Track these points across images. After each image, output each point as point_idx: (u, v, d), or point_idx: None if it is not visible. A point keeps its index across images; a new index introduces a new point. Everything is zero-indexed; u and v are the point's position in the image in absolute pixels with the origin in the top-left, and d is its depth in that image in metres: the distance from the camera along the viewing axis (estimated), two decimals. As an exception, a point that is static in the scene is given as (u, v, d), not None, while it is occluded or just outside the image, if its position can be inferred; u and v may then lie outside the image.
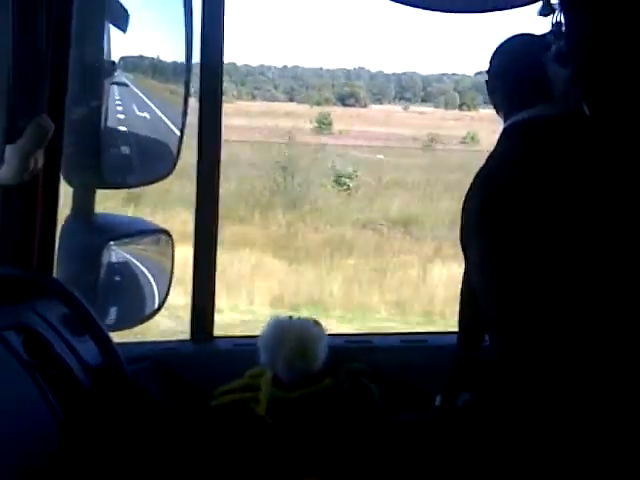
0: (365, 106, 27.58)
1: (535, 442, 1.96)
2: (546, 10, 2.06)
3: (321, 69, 29.64)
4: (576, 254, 1.94)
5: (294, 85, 28.13)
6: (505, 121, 2.18)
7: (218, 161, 2.53)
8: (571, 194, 1.96)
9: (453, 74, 28.42)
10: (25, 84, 1.86)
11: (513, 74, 2.19)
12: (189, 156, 2.53)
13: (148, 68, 2.62)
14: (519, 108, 2.13)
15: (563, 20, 1.99)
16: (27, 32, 1.83)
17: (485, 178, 2.14)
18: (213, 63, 2.48)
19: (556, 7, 2.02)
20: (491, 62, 2.27)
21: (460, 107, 27.00)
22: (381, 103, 28.11)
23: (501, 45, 2.25)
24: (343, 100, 27.32)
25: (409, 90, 28.84)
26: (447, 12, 2.27)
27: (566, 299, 1.93)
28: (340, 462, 2.24)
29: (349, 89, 27.72)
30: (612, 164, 1.96)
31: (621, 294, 1.91)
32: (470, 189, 2.17)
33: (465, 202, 2.18)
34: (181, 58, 2.39)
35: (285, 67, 29.07)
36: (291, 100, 26.96)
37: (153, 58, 2.59)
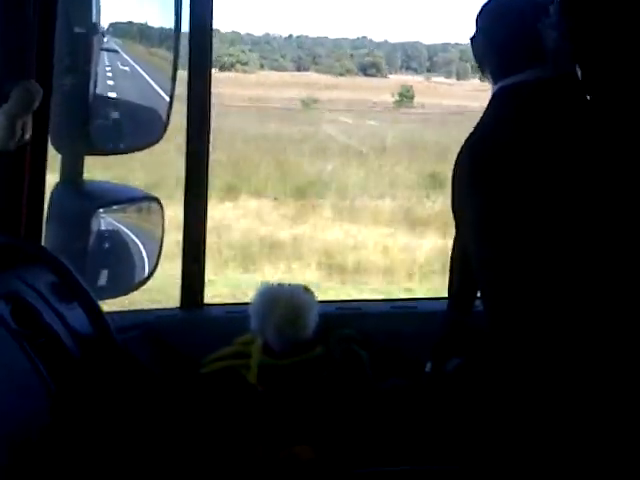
0: (386, 77, 27.16)
1: (525, 406, 1.97)
2: None
3: (326, 38, 29.45)
4: (569, 216, 1.92)
5: (301, 54, 27.93)
6: (495, 84, 2.14)
7: (208, 129, 2.51)
8: (563, 157, 1.94)
9: (456, 44, 28.05)
10: (11, 48, 1.84)
11: (503, 34, 2.11)
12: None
13: (137, 34, 2.60)
14: (510, 71, 2.08)
15: None
16: None
17: (476, 143, 2.11)
18: (202, 28, 2.45)
19: None
20: (478, 20, 2.19)
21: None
22: (394, 73, 27.87)
23: (489, 2, 2.19)
24: (365, 70, 27.06)
25: (414, 60, 28.57)
26: None
27: (559, 262, 1.92)
28: (330, 429, 2.25)
29: (371, 59, 27.30)
30: (605, 126, 1.95)
31: (616, 256, 1.90)
32: (460, 154, 2.15)
33: (456, 167, 2.16)
34: (170, 24, 2.37)
35: (291, 36, 28.93)
36: (306, 70, 26.67)
37: (142, 24, 2.57)
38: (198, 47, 2.43)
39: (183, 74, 2.45)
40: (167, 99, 2.37)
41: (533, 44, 2.01)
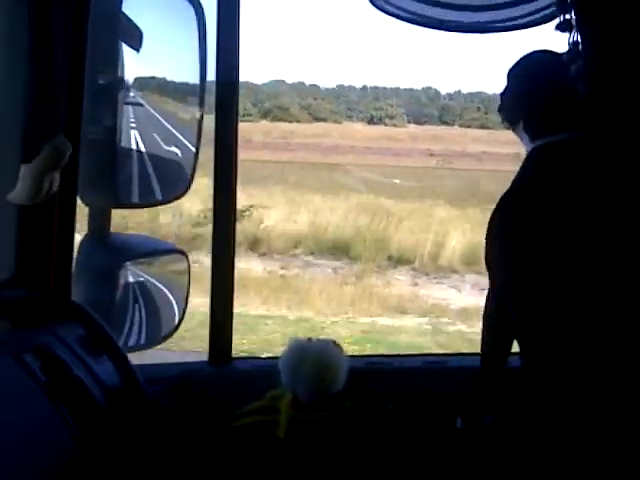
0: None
1: (560, 462, 1.95)
2: (564, 27, 2.04)
3: (398, 88, 29.50)
4: (607, 271, 1.95)
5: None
6: (532, 142, 2.17)
7: (235, 179, 2.51)
8: (599, 214, 1.98)
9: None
10: (41, 104, 1.84)
11: (539, 96, 2.17)
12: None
13: (162, 88, 2.61)
14: (548, 131, 2.13)
15: (580, 39, 1.97)
16: (44, 52, 1.82)
17: (513, 201, 2.15)
18: (229, 80, 2.47)
19: (573, 25, 2.00)
20: (510, 77, 2.25)
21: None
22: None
23: (519, 64, 2.23)
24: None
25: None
26: (464, 32, 2.25)
27: (601, 317, 1.95)
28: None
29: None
30: (633, 184, 1.96)
31: None
32: (497, 211, 2.18)
33: (492, 224, 2.19)
34: (195, 77, 2.38)
35: (365, 87, 28.97)
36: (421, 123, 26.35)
37: (166, 78, 2.59)
38: (225, 99, 2.45)
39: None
40: (193, 153, 2.38)
41: (570, 102, 2.03)
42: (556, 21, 2.02)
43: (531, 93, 2.19)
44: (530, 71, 2.21)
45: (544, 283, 2.04)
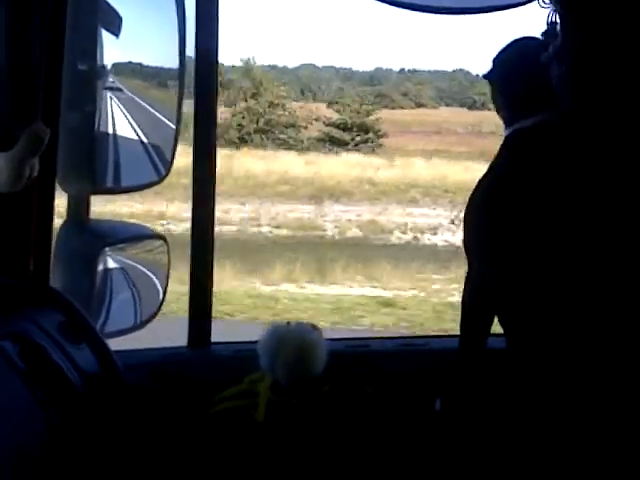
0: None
1: (541, 444, 1.97)
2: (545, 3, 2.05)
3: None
4: (582, 245, 1.98)
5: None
6: (507, 127, 2.21)
7: (214, 164, 2.51)
8: (573, 192, 1.99)
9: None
10: (19, 90, 1.84)
11: (515, 83, 2.21)
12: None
13: (141, 73, 2.60)
14: (522, 115, 2.16)
15: (558, 19, 1.98)
16: (21, 36, 1.81)
17: (490, 184, 2.17)
18: (207, 64, 2.47)
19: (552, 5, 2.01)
20: (492, 69, 2.29)
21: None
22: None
23: (501, 52, 2.27)
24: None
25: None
26: (445, 13, 2.26)
27: (580, 289, 1.98)
28: (339, 468, 2.23)
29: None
30: (610, 164, 1.97)
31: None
32: (474, 195, 2.20)
33: (470, 208, 2.21)
34: (175, 61, 2.37)
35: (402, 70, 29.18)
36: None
37: (145, 63, 2.58)
38: (204, 83, 2.45)
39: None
40: (172, 138, 2.37)
41: (546, 89, 2.05)
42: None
43: (504, 79, 2.24)
44: (504, 58, 2.26)
45: (525, 270, 2.06)
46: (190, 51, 2.46)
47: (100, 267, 2.27)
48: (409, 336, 2.64)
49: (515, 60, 2.24)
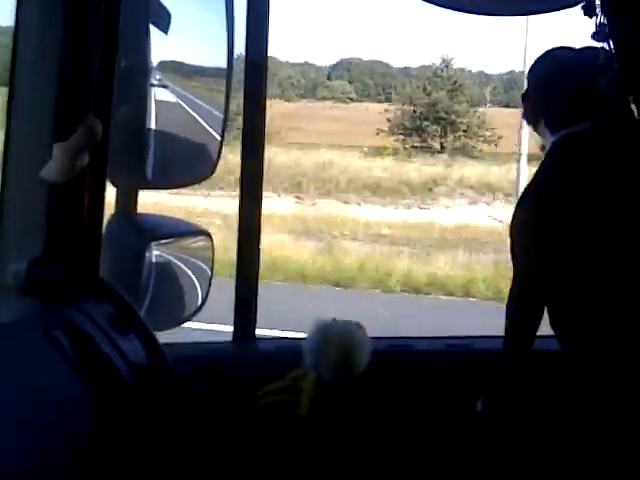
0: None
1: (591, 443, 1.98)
2: (590, 12, 2.05)
3: None
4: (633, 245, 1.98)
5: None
6: (552, 134, 2.21)
7: (261, 161, 2.52)
8: (623, 194, 1.99)
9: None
10: (74, 84, 1.86)
11: (560, 88, 2.21)
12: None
13: (189, 70, 2.62)
14: (568, 123, 2.16)
15: (606, 21, 1.98)
16: (77, 31, 1.84)
17: (544, 192, 2.18)
18: (258, 62, 2.48)
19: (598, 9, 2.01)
20: (530, 77, 2.29)
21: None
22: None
23: (542, 60, 2.26)
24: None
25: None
26: (485, 15, 2.26)
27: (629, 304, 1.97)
28: (380, 467, 2.23)
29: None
30: None
31: None
32: (523, 200, 2.21)
33: (518, 217, 2.22)
34: (223, 60, 2.39)
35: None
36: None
37: (194, 61, 2.60)
38: (254, 81, 2.46)
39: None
40: (219, 135, 2.39)
41: (589, 94, 2.06)
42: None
43: (548, 88, 2.25)
44: (545, 67, 2.27)
45: (575, 273, 2.06)
46: (240, 49, 2.47)
47: (147, 261, 2.29)
48: (452, 336, 2.61)
49: (552, 67, 2.25)
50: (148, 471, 1.76)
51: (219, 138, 2.39)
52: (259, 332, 2.56)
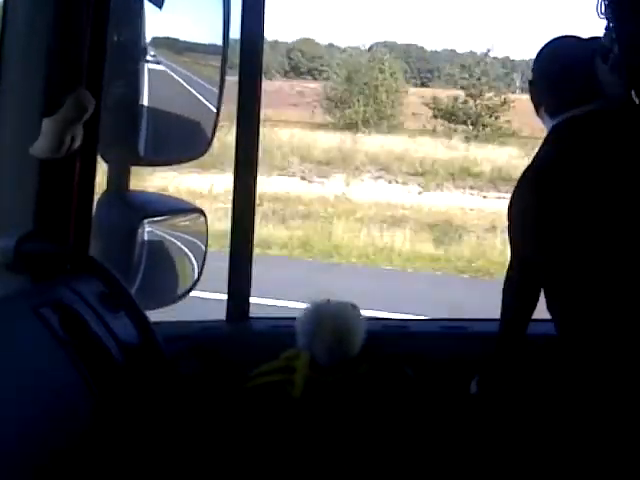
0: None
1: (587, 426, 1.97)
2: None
3: None
4: (630, 232, 1.98)
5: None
6: (552, 119, 2.22)
7: (256, 142, 2.50)
8: (621, 179, 1.99)
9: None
10: (64, 56, 1.83)
11: (559, 74, 2.23)
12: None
13: (184, 47, 2.59)
14: (568, 106, 2.17)
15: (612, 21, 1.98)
16: (67, 7, 1.81)
17: (539, 174, 2.17)
18: (253, 41, 2.45)
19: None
20: (534, 66, 2.31)
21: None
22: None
23: (546, 47, 2.28)
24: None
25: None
26: None
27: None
28: (372, 446, 2.23)
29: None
30: None
31: None
32: (521, 185, 2.21)
33: (517, 198, 2.22)
34: (218, 36, 2.36)
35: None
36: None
37: (188, 37, 2.57)
38: (248, 59, 2.43)
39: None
40: (214, 113, 2.36)
41: (588, 80, 2.08)
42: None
43: (547, 73, 2.27)
44: (546, 54, 2.29)
45: (574, 257, 2.06)
46: (235, 28, 2.44)
47: (138, 238, 2.26)
48: (448, 318, 2.60)
49: (554, 54, 2.27)
50: (139, 451, 1.74)
51: (214, 117, 2.36)
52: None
